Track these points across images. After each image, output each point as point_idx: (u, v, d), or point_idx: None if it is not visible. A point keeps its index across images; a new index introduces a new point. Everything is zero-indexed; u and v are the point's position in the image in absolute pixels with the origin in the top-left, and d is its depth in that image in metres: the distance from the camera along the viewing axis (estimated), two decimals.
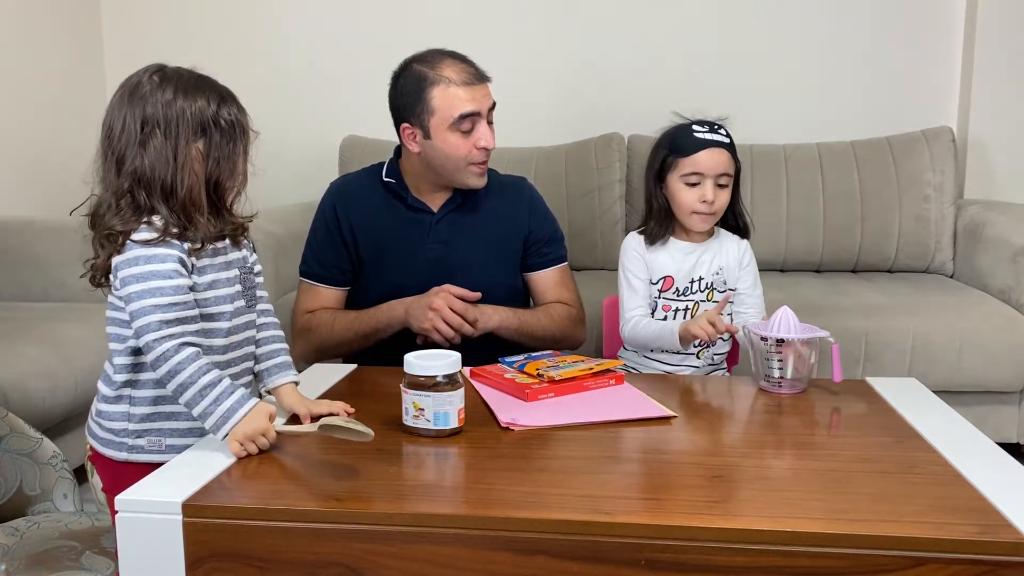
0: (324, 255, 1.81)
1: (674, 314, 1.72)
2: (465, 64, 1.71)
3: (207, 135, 1.22)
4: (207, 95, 1.23)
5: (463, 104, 1.67)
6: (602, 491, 1.06)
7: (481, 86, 1.70)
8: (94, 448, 1.30)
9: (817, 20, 3.07)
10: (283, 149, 3.24)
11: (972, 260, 2.70)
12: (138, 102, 1.21)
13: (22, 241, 2.61)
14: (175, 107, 1.21)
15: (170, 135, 1.20)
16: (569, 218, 2.84)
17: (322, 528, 1.00)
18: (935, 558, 0.92)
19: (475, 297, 1.70)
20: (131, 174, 1.20)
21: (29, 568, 1.27)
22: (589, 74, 3.17)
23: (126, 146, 1.21)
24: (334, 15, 3.26)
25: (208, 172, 1.23)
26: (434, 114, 1.68)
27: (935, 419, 1.32)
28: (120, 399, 1.26)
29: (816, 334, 1.45)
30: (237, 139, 1.25)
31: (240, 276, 1.31)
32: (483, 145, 1.70)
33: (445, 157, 1.71)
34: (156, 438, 1.26)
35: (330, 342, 1.77)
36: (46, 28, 3.07)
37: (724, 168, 1.67)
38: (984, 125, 2.97)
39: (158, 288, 1.18)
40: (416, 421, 1.23)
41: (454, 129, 1.68)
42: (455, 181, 1.76)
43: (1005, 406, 2.38)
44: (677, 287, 1.73)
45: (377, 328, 1.73)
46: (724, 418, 1.40)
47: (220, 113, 1.23)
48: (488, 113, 1.71)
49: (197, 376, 1.17)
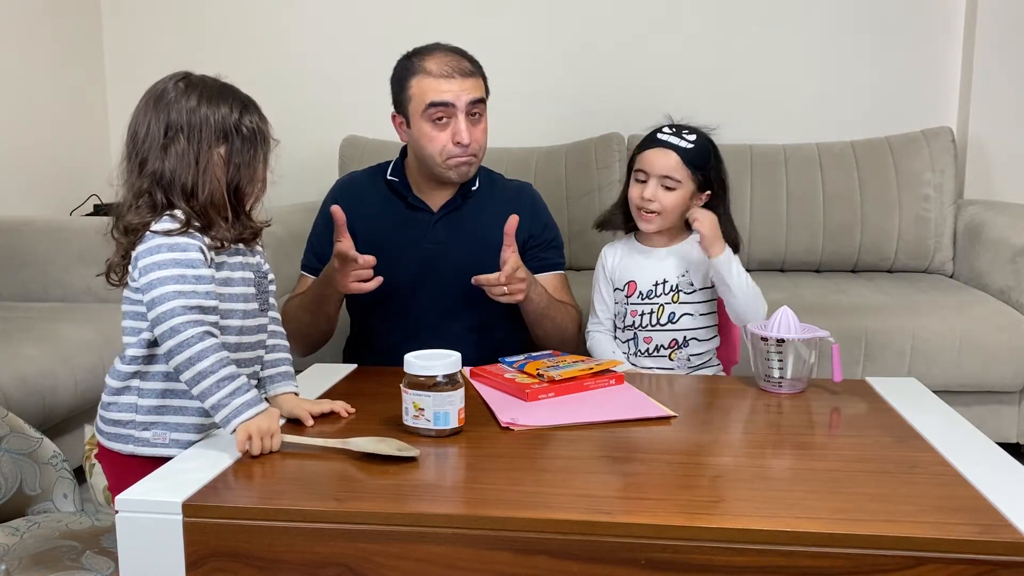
0: (321, 249, 1.82)
1: (640, 318, 1.73)
2: (451, 56, 1.71)
3: (229, 141, 1.25)
4: (230, 103, 1.27)
5: (433, 94, 1.68)
6: (602, 491, 1.06)
7: (460, 79, 1.69)
8: (100, 443, 1.29)
9: (817, 20, 3.07)
10: (283, 149, 3.21)
11: (972, 260, 2.70)
12: (163, 108, 1.24)
13: (22, 241, 2.61)
14: (199, 113, 1.24)
15: (193, 140, 1.23)
16: (569, 218, 2.84)
17: (322, 528, 1.00)
18: (935, 558, 0.92)
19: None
20: (151, 175, 1.23)
21: (29, 568, 1.27)
22: (589, 74, 3.16)
23: (149, 149, 1.23)
24: (334, 15, 3.26)
25: (229, 177, 1.26)
26: (411, 102, 1.72)
27: (935, 419, 1.32)
28: (128, 390, 1.26)
29: (816, 334, 1.45)
30: (258, 146, 1.28)
31: (255, 279, 1.32)
32: (458, 140, 1.70)
33: (421, 147, 1.73)
34: (162, 431, 1.25)
35: (294, 324, 1.75)
36: (46, 28, 3.07)
37: (669, 171, 1.68)
38: (984, 125, 2.96)
39: (181, 275, 1.19)
40: (416, 421, 1.23)
41: (427, 119, 1.69)
42: (438, 175, 1.76)
43: (1005, 406, 2.38)
44: (640, 291, 1.73)
45: (316, 301, 1.73)
46: (724, 418, 1.40)
47: (242, 120, 1.26)
48: (469, 107, 1.70)
49: (217, 367, 1.17)
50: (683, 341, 1.73)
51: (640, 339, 1.74)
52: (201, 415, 1.25)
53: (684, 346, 1.73)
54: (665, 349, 1.73)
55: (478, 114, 1.73)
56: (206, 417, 1.25)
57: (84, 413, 2.20)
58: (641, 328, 1.74)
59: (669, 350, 1.73)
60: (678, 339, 1.73)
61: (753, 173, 2.85)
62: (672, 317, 1.72)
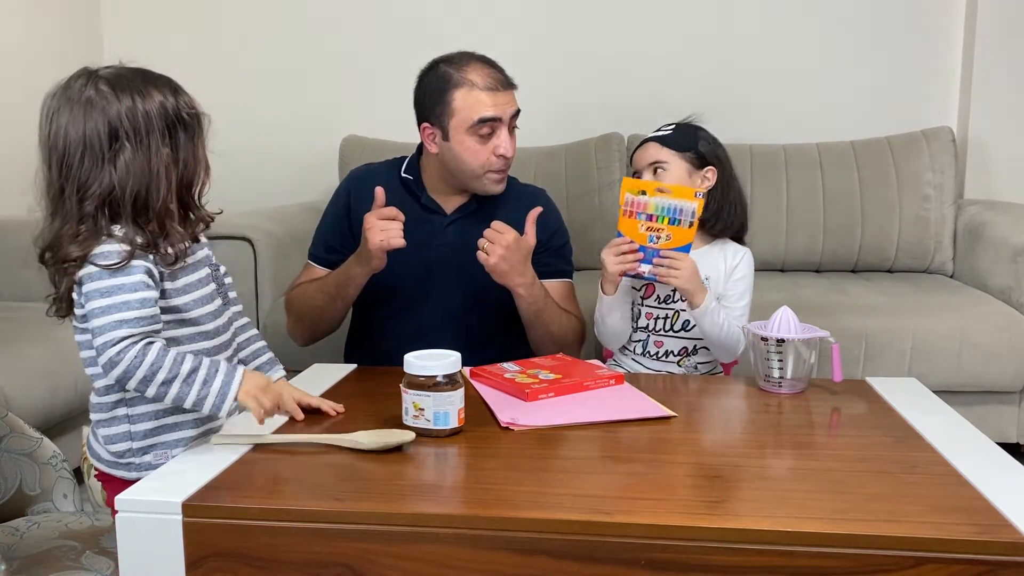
0: (329, 239, 1.82)
1: (655, 322, 1.73)
2: (492, 69, 1.70)
3: (173, 135, 1.15)
4: (161, 89, 1.15)
5: (484, 109, 1.66)
6: (602, 491, 1.06)
7: (505, 93, 1.68)
8: (99, 468, 1.26)
9: (817, 20, 3.07)
10: (283, 149, 3.25)
11: (972, 260, 2.70)
12: (97, 115, 1.12)
13: (22, 241, 2.60)
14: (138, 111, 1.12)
15: (141, 144, 1.12)
16: (569, 218, 2.80)
17: (322, 528, 1.00)
18: (935, 558, 0.92)
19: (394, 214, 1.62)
20: (98, 196, 1.12)
21: (29, 568, 1.27)
22: (589, 74, 3.16)
23: (90, 169, 1.12)
24: (334, 15, 3.25)
25: (179, 175, 1.16)
26: (454, 116, 1.67)
27: (935, 419, 1.32)
28: (116, 420, 1.21)
29: (816, 334, 1.45)
30: (196, 130, 1.18)
31: (211, 274, 1.26)
32: (501, 152, 1.69)
33: (461, 161, 1.70)
34: (163, 451, 1.22)
35: (307, 308, 1.77)
36: (46, 28, 3.07)
37: (653, 157, 1.72)
38: (984, 125, 2.96)
39: (124, 303, 1.11)
40: (416, 421, 1.23)
41: (472, 133, 1.67)
42: (471, 187, 1.75)
43: (1005, 406, 2.38)
44: (658, 294, 1.73)
45: (339, 285, 1.71)
46: (724, 418, 1.40)
47: (179, 106, 1.15)
48: (511, 120, 1.70)
49: (176, 368, 1.11)
50: (693, 349, 1.73)
51: (651, 342, 1.74)
52: (197, 425, 1.23)
53: (693, 354, 1.73)
54: (675, 355, 1.73)
55: (516, 127, 1.73)
56: (202, 425, 1.23)
57: (84, 413, 2.18)
58: (654, 332, 1.74)
59: (679, 356, 1.73)
60: (688, 347, 1.72)
61: (753, 173, 2.85)
62: (686, 325, 1.72)
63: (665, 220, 1.60)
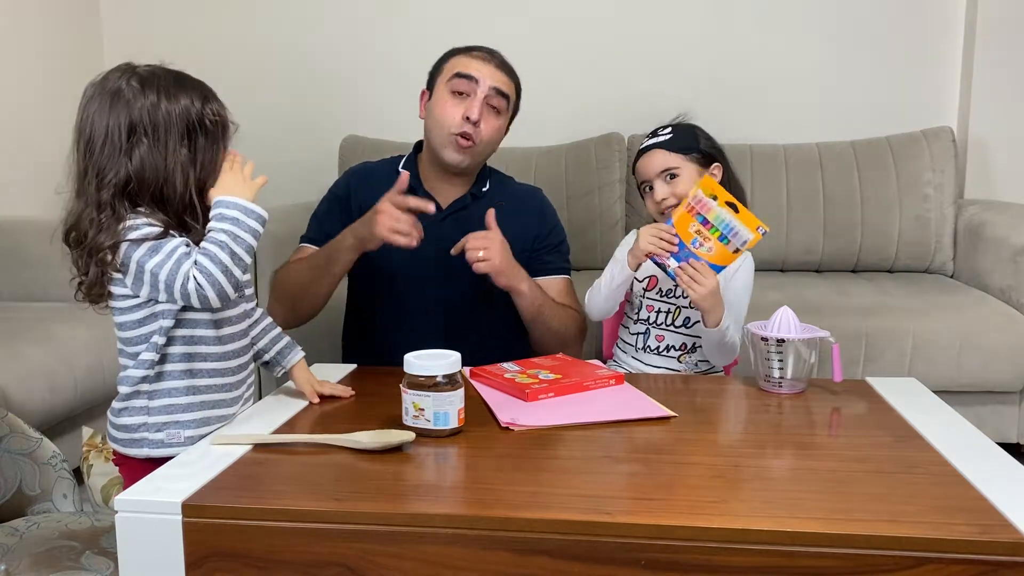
0: (325, 224, 1.83)
1: (656, 315, 1.73)
2: (490, 54, 1.76)
3: (193, 138, 1.20)
4: (190, 94, 1.21)
5: (461, 67, 1.72)
6: (602, 491, 1.06)
7: (489, 65, 1.73)
8: (115, 450, 1.28)
9: (817, 20, 3.07)
10: (283, 149, 3.25)
11: (972, 260, 2.70)
12: (121, 108, 1.18)
13: (22, 241, 2.61)
14: (161, 110, 1.18)
15: (159, 140, 1.18)
16: (569, 218, 2.83)
17: (322, 528, 1.00)
18: (935, 558, 0.92)
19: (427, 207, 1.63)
20: (113, 185, 1.17)
21: (29, 568, 1.27)
22: (589, 74, 3.17)
23: (109, 156, 1.17)
24: (334, 15, 3.26)
25: (196, 175, 1.21)
26: (440, 75, 1.76)
27: (935, 419, 1.32)
28: (138, 395, 1.24)
29: (816, 334, 1.45)
30: (219, 137, 1.24)
31: None
32: (467, 114, 1.70)
33: (434, 120, 1.74)
34: (175, 430, 1.24)
35: (293, 284, 1.76)
36: (46, 28, 3.07)
37: (662, 165, 1.70)
38: (984, 125, 2.97)
39: (173, 248, 1.16)
40: (416, 421, 1.23)
41: (448, 88, 1.72)
42: (442, 157, 1.76)
43: (1005, 406, 2.38)
44: (660, 288, 1.73)
45: (329, 257, 1.70)
46: (724, 418, 1.40)
47: (204, 112, 1.21)
48: (491, 93, 1.71)
49: (224, 249, 1.17)
50: (693, 347, 1.72)
51: (652, 335, 1.74)
52: (211, 408, 1.25)
53: (693, 351, 1.73)
54: (676, 351, 1.73)
55: (497, 109, 1.74)
56: (217, 409, 1.26)
57: (84, 413, 2.20)
58: (655, 325, 1.73)
59: (679, 352, 1.73)
60: (688, 343, 1.72)
61: (753, 173, 2.85)
62: (687, 322, 1.72)
63: (716, 233, 1.58)
